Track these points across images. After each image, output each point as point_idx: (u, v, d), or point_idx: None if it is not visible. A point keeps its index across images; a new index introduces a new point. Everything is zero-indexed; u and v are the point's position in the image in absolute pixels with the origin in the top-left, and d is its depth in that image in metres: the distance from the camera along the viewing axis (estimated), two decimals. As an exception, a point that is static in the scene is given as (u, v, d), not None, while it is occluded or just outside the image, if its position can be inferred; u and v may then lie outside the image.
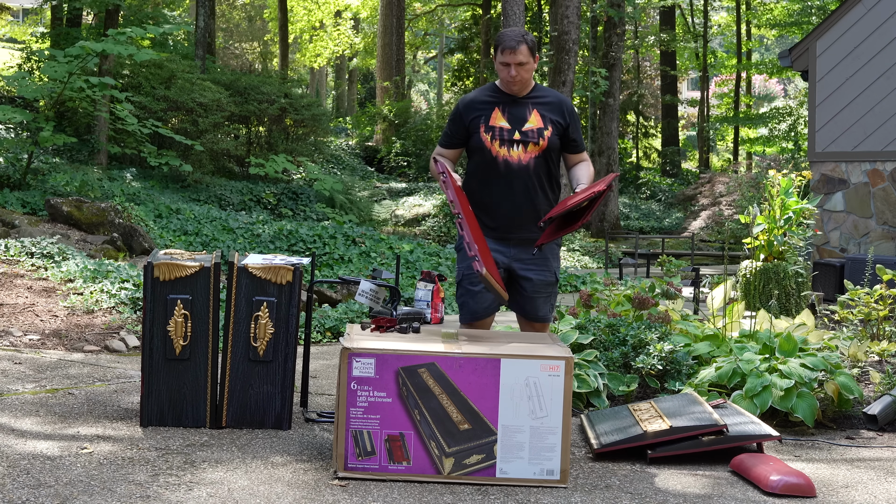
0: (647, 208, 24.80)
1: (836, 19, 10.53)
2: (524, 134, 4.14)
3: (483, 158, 4.17)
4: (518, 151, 4.13)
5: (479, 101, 4.21)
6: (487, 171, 4.15)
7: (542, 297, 4.24)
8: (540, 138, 4.14)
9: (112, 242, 10.16)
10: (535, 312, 4.25)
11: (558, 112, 4.20)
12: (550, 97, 4.25)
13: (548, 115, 4.18)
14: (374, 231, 13.65)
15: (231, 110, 17.89)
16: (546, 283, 4.22)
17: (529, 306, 4.23)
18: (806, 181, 7.61)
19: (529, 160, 4.14)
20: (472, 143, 4.19)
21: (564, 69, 19.09)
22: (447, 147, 4.28)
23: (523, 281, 4.18)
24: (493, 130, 4.14)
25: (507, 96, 4.19)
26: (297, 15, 32.82)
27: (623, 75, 27.08)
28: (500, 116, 4.16)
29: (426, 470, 3.53)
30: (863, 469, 3.95)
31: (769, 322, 5.42)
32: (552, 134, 4.16)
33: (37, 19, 32.25)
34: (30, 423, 4.12)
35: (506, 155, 4.13)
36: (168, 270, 4.12)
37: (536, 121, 4.16)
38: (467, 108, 4.22)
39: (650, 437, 3.94)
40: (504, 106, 4.17)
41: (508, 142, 4.13)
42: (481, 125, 4.15)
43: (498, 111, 4.17)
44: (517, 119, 4.16)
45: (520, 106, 4.18)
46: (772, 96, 38.50)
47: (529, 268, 4.16)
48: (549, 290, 4.25)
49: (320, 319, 7.14)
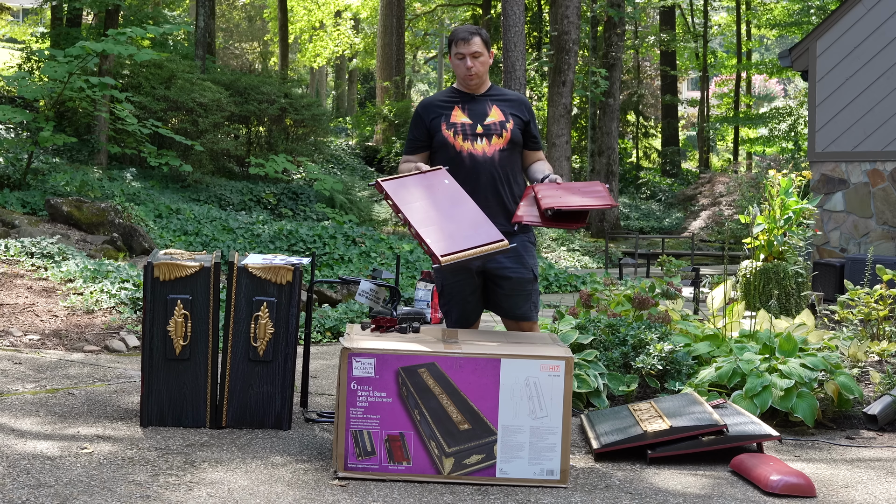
0: (647, 208, 24.81)
1: (836, 19, 10.53)
2: (486, 127, 4.15)
3: (447, 154, 4.13)
4: (482, 144, 4.12)
5: (438, 102, 4.23)
6: (453, 166, 4.08)
7: (522, 296, 4.17)
8: (503, 130, 4.15)
9: (112, 242, 10.16)
10: (513, 310, 4.18)
11: (518, 107, 4.23)
12: (509, 94, 4.29)
13: (508, 110, 4.20)
14: (374, 231, 13.65)
15: (231, 110, 17.89)
16: (524, 281, 4.15)
17: (507, 304, 4.18)
18: (806, 181, 7.60)
19: (494, 152, 4.12)
20: (436, 141, 4.17)
21: (564, 69, 19.08)
22: (413, 153, 4.24)
23: (500, 280, 4.13)
24: (455, 126, 4.14)
25: (465, 95, 4.21)
26: (297, 15, 32.82)
27: (623, 75, 27.08)
28: (460, 114, 4.17)
29: (426, 470, 3.53)
30: (863, 469, 3.95)
31: (769, 322, 5.42)
32: (514, 126, 4.17)
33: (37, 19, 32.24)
34: (30, 423, 4.12)
35: (470, 149, 4.11)
36: (168, 270, 4.12)
37: (497, 115, 4.18)
38: (426, 109, 4.23)
39: (650, 437, 3.94)
40: (463, 104, 4.19)
41: (472, 136, 4.13)
42: (442, 123, 4.15)
43: (458, 109, 4.18)
44: (478, 114, 4.17)
45: (479, 103, 4.20)
46: (772, 96, 38.50)
47: (505, 266, 4.10)
48: (527, 287, 4.17)
49: (320, 319, 7.14)
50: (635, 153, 31.55)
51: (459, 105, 4.19)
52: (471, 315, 4.20)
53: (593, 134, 22.14)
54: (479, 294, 4.20)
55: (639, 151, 31.79)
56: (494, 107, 4.20)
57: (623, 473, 3.78)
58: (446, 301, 4.20)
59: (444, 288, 4.18)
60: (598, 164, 21.59)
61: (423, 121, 4.21)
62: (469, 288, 4.15)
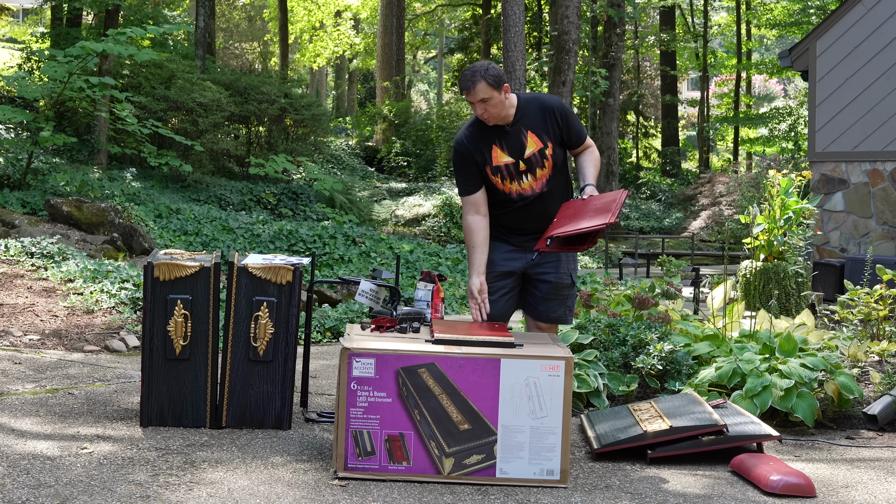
0: (647, 208, 24.80)
1: (836, 19, 10.53)
2: (528, 162, 4.09)
3: (497, 196, 4.16)
4: (528, 182, 4.11)
5: (477, 140, 4.13)
6: (504, 203, 4.15)
7: (557, 300, 4.25)
8: (544, 160, 4.10)
9: (112, 242, 10.16)
10: (548, 313, 4.26)
11: (550, 122, 4.11)
12: (535, 108, 4.11)
13: (542, 132, 4.11)
14: (374, 231, 13.65)
15: (231, 110, 17.89)
16: (562, 286, 4.24)
17: (543, 307, 4.25)
18: (806, 181, 7.60)
19: (542, 185, 4.13)
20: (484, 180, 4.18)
21: (564, 69, 19.09)
22: (472, 192, 4.15)
23: (539, 283, 4.22)
24: (500, 170, 4.11)
25: (497, 128, 4.10)
26: (297, 15, 32.82)
27: (623, 75, 27.07)
28: (500, 153, 4.11)
29: (426, 470, 3.53)
30: (863, 469, 3.95)
31: (769, 322, 5.42)
32: (553, 148, 4.12)
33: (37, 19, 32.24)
34: (30, 423, 4.12)
35: (518, 189, 4.12)
36: (168, 270, 4.12)
37: (534, 143, 4.10)
38: (470, 148, 4.13)
39: (650, 437, 3.94)
40: (500, 139, 4.10)
41: (517, 175, 4.11)
42: (487, 168, 4.11)
43: (496, 148, 4.10)
44: (516, 149, 4.10)
45: (513, 134, 4.09)
46: (772, 96, 38.50)
47: (546, 270, 4.20)
48: (564, 292, 4.26)
49: (320, 319, 7.14)
50: (635, 153, 31.54)
51: (497, 142, 4.10)
52: (498, 315, 4.22)
53: (593, 134, 22.14)
54: (512, 297, 4.26)
55: (639, 151, 31.78)
56: (529, 133, 4.10)
57: (623, 473, 3.78)
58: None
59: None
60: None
61: (472, 158, 4.12)
62: (503, 289, 4.20)
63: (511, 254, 4.21)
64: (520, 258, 4.20)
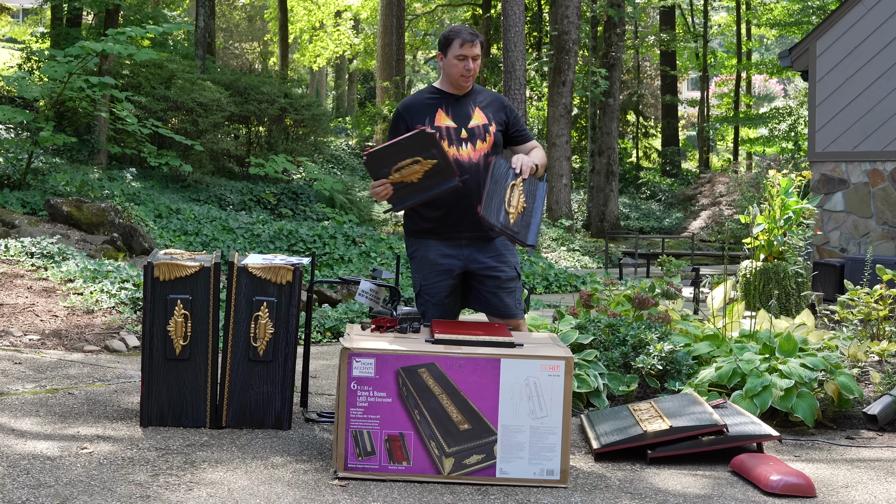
0: (647, 208, 24.81)
1: (836, 19, 10.53)
2: (470, 131, 4.11)
3: None
4: (467, 150, 4.09)
5: (421, 104, 4.15)
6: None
7: (506, 293, 4.16)
8: (486, 134, 4.12)
9: (112, 242, 10.16)
10: (498, 308, 4.15)
11: (497, 109, 4.19)
12: (489, 95, 4.24)
13: (489, 113, 4.16)
14: (374, 231, 13.65)
15: (231, 110, 17.89)
16: (507, 279, 4.14)
17: (493, 301, 4.15)
18: (806, 181, 7.60)
19: (479, 158, 4.09)
20: None
21: (564, 69, 19.09)
22: None
23: (484, 279, 4.12)
24: (440, 130, 4.07)
25: (448, 96, 4.15)
26: (297, 15, 32.81)
27: (623, 75, 27.08)
28: (444, 116, 4.11)
29: (426, 470, 3.53)
30: (863, 469, 3.95)
31: (769, 322, 5.42)
32: (496, 130, 4.15)
33: (37, 19, 32.25)
34: (30, 423, 4.12)
35: (455, 154, 4.06)
36: (168, 270, 4.12)
37: (480, 117, 4.13)
38: (409, 110, 4.14)
39: (650, 437, 3.94)
40: (447, 106, 4.13)
41: (457, 140, 4.08)
42: (427, 126, 4.04)
43: (441, 112, 4.12)
44: (462, 116, 4.12)
45: (462, 105, 4.15)
46: (772, 96, 38.51)
47: (487, 265, 4.11)
48: (510, 285, 4.16)
49: (320, 319, 7.14)
50: (635, 153, 31.54)
51: (443, 107, 4.13)
52: (447, 315, 4.18)
53: (593, 134, 22.14)
54: (456, 295, 4.20)
55: (639, 151, 31.78)
56: (477, 109, 4.16)
57: (623, 473, 3.78)
58: (423, 302, 4.16)
59: (421, 289, 4.16)
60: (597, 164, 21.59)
61: (404, 122, 4.12)
62: (447, 289, 4.13)
63: (449, 250, 4.10)
64: (457, 255, 4.09)
